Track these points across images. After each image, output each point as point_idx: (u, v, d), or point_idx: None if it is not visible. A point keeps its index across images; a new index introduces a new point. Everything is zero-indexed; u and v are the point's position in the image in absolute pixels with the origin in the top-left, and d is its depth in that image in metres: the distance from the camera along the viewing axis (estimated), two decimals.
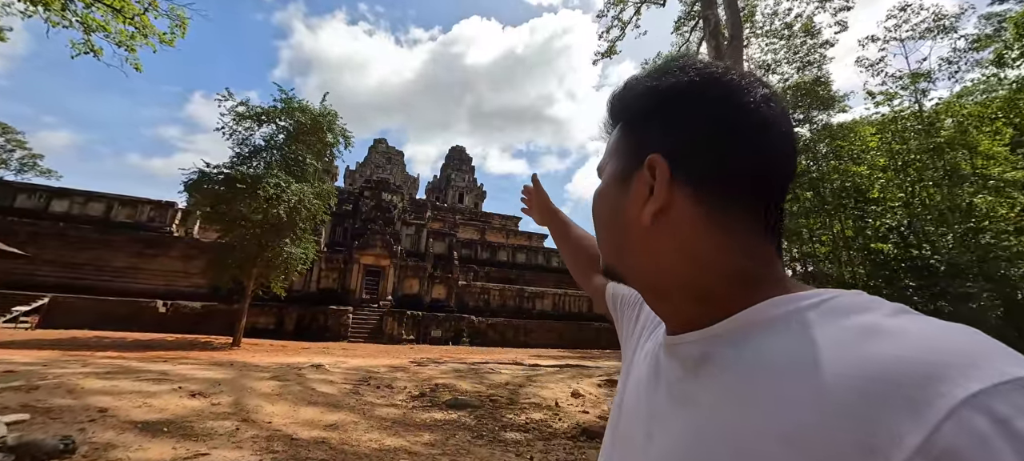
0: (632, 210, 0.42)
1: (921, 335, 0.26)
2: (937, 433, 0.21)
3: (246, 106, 15.59)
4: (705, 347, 0.38)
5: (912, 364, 0.24)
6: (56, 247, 19.98)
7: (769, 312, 0.35)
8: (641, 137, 0.43)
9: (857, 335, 0.29)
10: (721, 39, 11.81)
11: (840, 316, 0.31)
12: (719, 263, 0.39)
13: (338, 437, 4.42)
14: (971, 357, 0.24)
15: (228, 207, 13.84)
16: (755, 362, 0.33)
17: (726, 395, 0.34)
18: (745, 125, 0.39)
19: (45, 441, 1.67)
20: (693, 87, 0.41)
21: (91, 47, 9.05)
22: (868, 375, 0.25)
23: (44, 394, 4.94)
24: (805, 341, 0.31)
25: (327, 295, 22.74)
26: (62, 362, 7.87)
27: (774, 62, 27.30)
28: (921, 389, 0.23)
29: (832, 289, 0.35)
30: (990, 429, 0.21)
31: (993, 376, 0.22)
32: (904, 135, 23.41)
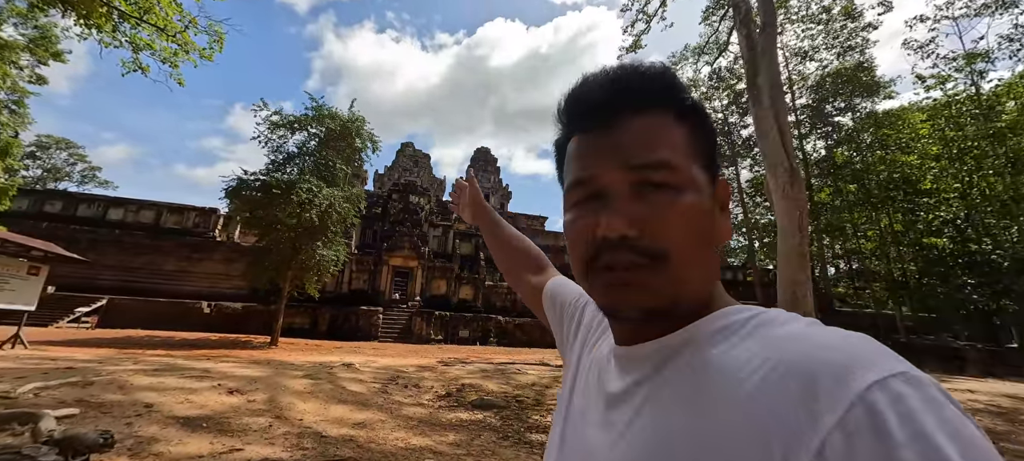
0: (708, 223, 0.41)
1: (831, 340, 0.33)
2: (848, 413, 0.28)
3: (280, 115, 16.27)
4: (665, 354, 0.40)
5: (825, 363, 0.30)
6: (113, 252, 21.50)
7: (714, 324, 0.40)
8: (706, 147, 0.43)
9: (782, 341, 0.34)
10: (753, 27, 11.30)
11: (769, 327, 0.37)
12: (715, 280, 0.43)
13: (365, 435, 4.50)
14: (868, 356, 0.30)
15: (265, 212, 14.46)
16: (701, 368, 0.37)
17: (675, 399, 0.37)
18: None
19: (86, 435, 1.78)
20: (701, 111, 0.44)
21: (139, 65, 9.65)
22: (792, 372, 0.31)
23: (98, 389, 5.29)
24: (742, 348, 0.36)
25: (358, 296, 23.39)
26: (116, 360, 8.43)
27: (811, 48, 25.94)
28: (834, 381, 0.29)
29: (758, 306, 0.41)
30: (883, 408, 0.27)
31: (884, 370, 0.29)
32: (959, 120, 21.66)
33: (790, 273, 9.30)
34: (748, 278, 29.91)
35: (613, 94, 0.41)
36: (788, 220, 9.48)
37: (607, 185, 0.40)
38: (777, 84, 10.42)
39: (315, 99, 16.69)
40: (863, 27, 24.09)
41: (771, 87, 10.16)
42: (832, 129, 26.65)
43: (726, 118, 28.33)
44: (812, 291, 9.17)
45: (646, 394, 0.40)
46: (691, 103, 0.42)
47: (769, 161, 9.72)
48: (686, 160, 0.40)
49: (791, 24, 25.61)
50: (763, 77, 10.29)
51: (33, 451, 1.67)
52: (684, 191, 0.39)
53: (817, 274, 25.84)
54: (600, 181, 0.41)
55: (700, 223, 0.39)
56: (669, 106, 0.41)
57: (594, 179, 0.41)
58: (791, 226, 9.40)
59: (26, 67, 18.54)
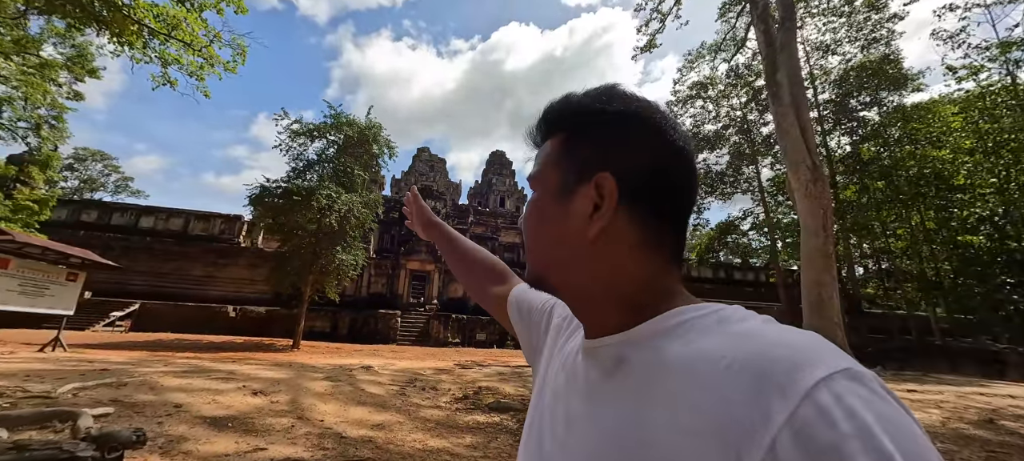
0: (574, 224, 0.45)
1: (784, 338, 0.34)
2: (797, 409, 0.29)
3: (300, 123, 16.71)
4: (620, 350, 0.42)
5: (776, 361, 0.32)
6: (145, 259, 22.41)
7: (672, 320, 0.41)
8: (587, 154, 0.46)
9: (737, 339, 0.36)
10: (771, 22, 11.06)
11: (729, 324, 0.38)
12: (647, 277, 0.44)
13: (384, 437, 4.57)
14: (816, 354, 0.32)
15: (286, 218, 14.86)
16: (660, 363, 0.38)
17: (637, 392, 0.39)
18: (676, 159, 0.45)
19: (121, 433, 1.88)
20: (639, 116, 0.45)
21: (168, 79, 10.07)
22: (745, 369, 0.33)
23: (130, 390, 5.52)
24: (699, 344, 0.37)
25: (377, 299, 23.75)
26: (148, 362, 8.77)
27: (833, 42, 25.16)
28: (787, 378, 0.31)
29: (718, 304, 0.42)
30: (829, 404, 0.29)
31: (830, 367, 0.31)
32: (995, 112, 20.64)
33: (814, 274, 9.02)
34: (771, 278, 29.11)
35: (534, 129, 0.53)
36: (812, 219, 9.21)
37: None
38: (798, 80, 10.16)
39: (333, 107, 17.10)
40: (888, 18, 23.25)
41: (791, 83, 9.91)
42: (857, 124, 25.75)
43: (745, 116, 27.72)
44: (838, 292, 8.88)
45: (604, 389, 0.42)
46: (565, 121, 0.49)
47: (790, 159, 9.47)
48: (548, 168, 0.48)
49: (811, 18, 24.93)
50: (782, 73, 10.05)
51: (72, 447, 1.78)
52: (537, 192, 0.49)
53: (844, 274, 24.95)
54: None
55: (538, 217, 0.48)
56: (556, 128, 0.50)
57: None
58: (815, 225, 9.13)
59: (64, 84, 19.55)
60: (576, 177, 0.45)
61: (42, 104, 18.66)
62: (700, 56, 27.18)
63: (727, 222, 33.76)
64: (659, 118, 0.46)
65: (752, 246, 35.90)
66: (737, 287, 33.14)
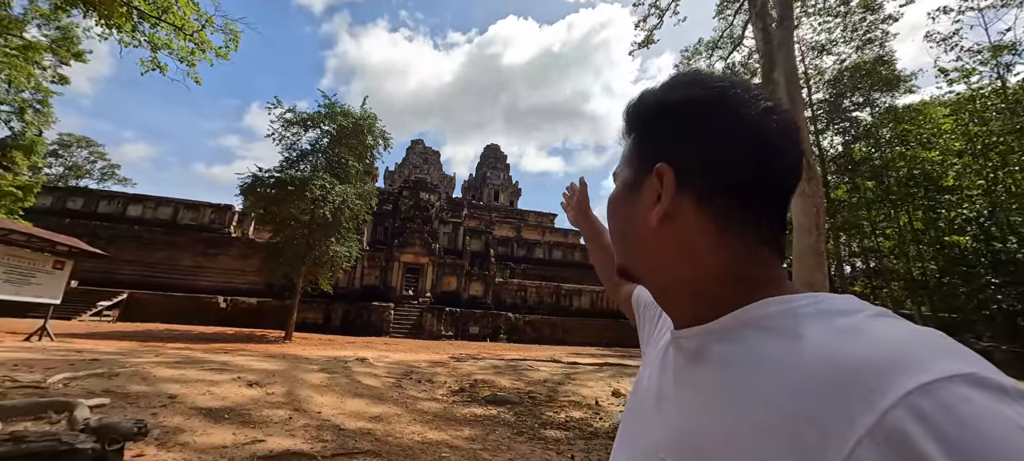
0: (642, 214, 0.45)
1: (890, 335, 0.30)
2: (886, 416, 0.25)
3: (293, 113, 16.47)
4: (701, 341, 0.41)
5: (874, 359, 0.28)
6: (133, 248, 22.03)
7: (762, 310, 0.38)
8: (652, 147, 0.46)
9: (837, 334, 0.32)
10: (768, 21, 11.08)
11: (827, 317, 0.35)
12: (719, 266, 0.42)
13: (382, 429, 4.55)
14: (926, 354, 0.27)
15: (279, 208, 14.68)
16: (744, 357, 0.36)
17: (717, 386, 0.37)
18: (747, 139, 0.42)
19: (121, 424, 1.83)
20: (699, 101, 0.44)
21: (157, 64, 9.83)
22: (836, 368, 0.29)
23: (123, 381, 5.43)
24: (790, 339, 0.34)
25: (370, 292, 23.63)
26: (138, 352, 8.64)
27: (829, 42, 25.31)
28: (877, 379, 0.27)
29: (826, 293, 0.39)
30: (929, 413, 0.24)
31: (941, 371, 0.26)
32: (984, 115, 20.98)
33: (806, 272, 9.14)
34: None
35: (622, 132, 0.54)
36: (804, 217, 9.31)
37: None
38: (794, 79, 10.21)
39: (327, 97, 16.87)
40: (883, 19, 23.43)
41: (788, 82, 9.96)
42: (850, 124, 26.03)
43: None
44: (828, 290, 9.01)
45: (685, 377, 0.42)
46: (632, 119, 0.50)
47: None
48: (625, 165, 0.50)
49: (807, 17, 25.04)
50: (779, 72, 10.10)
51: (71, 438, 1.73)
52: (615, 187, 0.51)
53: (833, 273, 25.32)
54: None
55: (617, 209, 0.50)
56: (631, 128, 0.51)
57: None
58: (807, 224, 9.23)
59: (49, 67, 19.03)
60: (641, 170, 0.47)
61: (26, 87, 18.14)
62: (697, 53, 27.20)
63: None
64: (728, 98, 0.43)
65: None
66: None
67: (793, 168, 0.43)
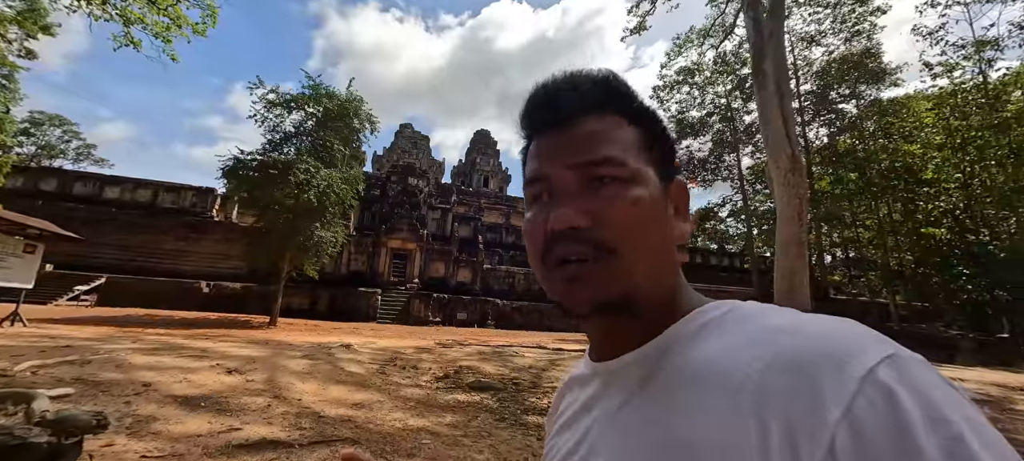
0: (668, 225, 0.42)
1: (820, 330, 0.32)
2: (853, 402, 0.27)
3: (276, 93, 16.00)
4: (644, 367, 0.40)
5: (819, 354, 0.30)
6: (111, 231, 21.42)
7: (694, 323, 0.39)
8: (663, 152, 0.44)
9: (771, 334, 0.34)
10: (760, 10, 11.05)
11: (751, 320, 0.36)
12: (677, 277, 0.43)
13: (364, 415, 4.53)
14: (859, 342, 0.30)
15: (262, 192, 14.35)
16: (691, 371, 0.36)
17: (669, 407, 0.36)
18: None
19: (79, 417, 1.76)
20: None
21: (131, 39, 9.42)
22: (789, 366, 0.31)
23: (95, 368, 5.30)
24: (730, 345, 0.35)
25: (357, 277, 23.45)
26: (115, 338, 8.45)
27: (818, 33, 25.47)
28: (833, 372, 0.29)
29: (728, 300, 0.41)
30: (885, 392, 0.27)
31: (879, 353, 0.29)
32: (965, 110, 21.45)
33: (788, 261, 9.29)
34: (745, 265, 30.03)
35: (565, 97, 0.43)
36: (788, 208, 9.42)
37: (559, 182, 0.42)
38: (783, 69, 10.24)
39: (312, 78, 16.42)
40: (871, 11, 23.61)
41: (777, 72, 9.98)
42: (835, 117, 26.40)
43: (729, 103, 27.99)
44: (809, 279, 9.20)
45: (637, 410, 0.39)
46: (640, 107, 0.44)
47: (771, 148, 9.61)
48: (634, 158, 0.41)
49: (798, 7, 25.10)
50: (769, 62, 10.10)
51: (24, 432, 1.66)
52: (631, 185, 0.40)
53: (814, 262, 25.92)
54: (552, 179, 0.42)
55: (648, 216, 0.40)
56: (617, 109, 0.43)
57: (547, 177, 0.42)
58: (791, 214, 9.35)
59: (15, 40, 18.13)
60: (665, 176, 0.43)
61: None
62: (688, 41, 27.15)
63: (706, 209, 34.46)
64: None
65: (729, 233, 36.85)
66: (712, 272, 34.03)
67: None
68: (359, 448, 3.53)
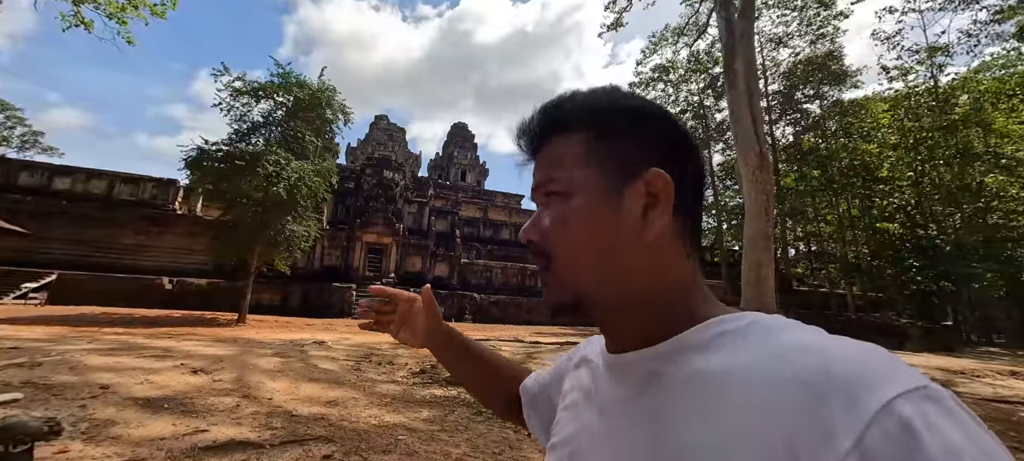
0: (627, 227, 0.41)
1: (843, 353, 0.31)
2: (865, 434, 0.26)
3: (243, 81, 15.34)
4: (653, 365, 0.39)
5: (839, 377, 0.29)
6: (62, 225, 20.10)
7: (710, 331, 0.38)
8: (630, 150, 0.42)
9: (790, 352, 0.33)
10: (732, 11, 11.35)
11: (772, 335, 0.35)
12: (684, 280, 0.42)
13: (338, 413, 4.46)
14: (883, 370, 0.29)
15: (229, 184, 13.78)
16: (699, 379, 0.35)
17: (672, 412, 0.36)
18: (692, 148, 0.44)
19: (28, 423, 1.66)
20: (655, 110, 0.44)
21: (81, 19, 8.83)
22: (803, 387, 0.30)
23: (47, 371, 5.00)
24: (745, 358, 0.34)
25: (330, 272, 22.91)
26: (68, 339, 7.98)
27: (785, 35, 26.42)
28: (849, 398, 0.28)
29: (751, 312, 0.39)
30: (901, 427, 0.26)
31: (902, 385, 0.28)
32: (917, 112, 22.81)
33: (755, 255, 9.67)
34: (715, 259, 31.06)
35: (530, 132, 0.47)
36: (756, 203, 9.78)
37: (536, 205, 0.47)
38: (752, 69, 10.58)
39: (281, 65, 15.81)
40: (835, 15, 24.65)
41: (747, 72, 10.30)
42: (800, 116, 27.53)
43: (701, 101, 28.74)
44: (774, 272, 9.61)
45: (634, 407, 0.39)
46: (586, 118, 0.44)
47: (741, 145, 9.94)
48: (576, 169, 0.42)
49: (768, 9, 25.93)
50: (740, 62, 10.41)
51: None
52: (567, 197, 0.42)
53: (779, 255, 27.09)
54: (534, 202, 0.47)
55: (578, 225, 0.41)
56: (567, 128, 0.45)
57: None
58: (758, 209, 9.72)
59: None
60: (620, 175, 0.41)
61: None
62: (663, 39, 27.65)
63: None
64: (666, 111, 0.46)
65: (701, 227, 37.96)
66: None
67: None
68: (336, 446, 3.48)
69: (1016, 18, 18.19)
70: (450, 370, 0.79)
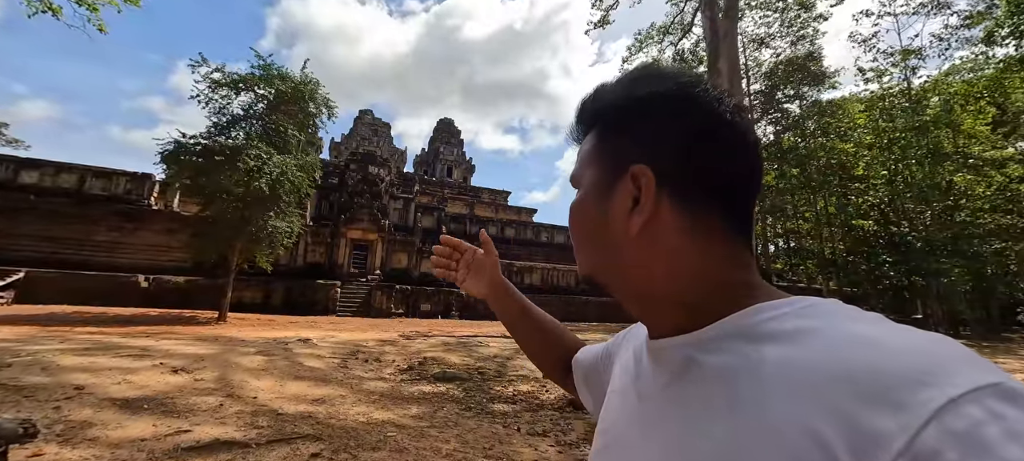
0: (617, 221, 0.41)
1: (903, 345, 0.28)
2: (920, 435, 0.23)
3: (222, 73, 14.89)
4: (691, 352, 0.38)
5: (896, 372, 0.26)
6: (30, 220, 19.25)
7: (755, 318, 0.36)
8: (621, 146, 0.43)
9: (844, 342, 0.30)
10: (716, 10, 11.52)
11: (826, 323, 0.33)
12: (703, 270, 0.40)
13: (325, 411, 4.41)
14: (949, 366, 0.26)
15: (208, 179, 13.40)
16: (745, 369, 0.34)
17: (707, 400, 0.35)
18: (722, 135, 0.41)
19: (2, 426, 1.59)
20: (671, 96, 0.42)
21: (49, 5, 8.44)
22: (855, 381, 0.27)
23: (17, 372, 4.80)
24: (796, 347, 0.32)
25: (314, 269, 22.53)
26: (39, 339, 7.67)
27: (767, 35, 26.97)
28: (906, 395, 0.25)
29: (811, 297, 0.37)
30: (964, 430, 0.23)
31: (968, 383, 0.24)
32: (891, 112, 23.57)
33: None
34: None
35: (574, 129, 0.51)
36: None
37: None
38: (736, 69, 10.78)
39: (262, 57, 15.40)
40: (815, 17, 25.26)
41: (730, 71, 10.48)
42: (781, 116, 28.18)
43: None
44: None
45: (671, 393, 0.39)
46: (590, 114, 0.48)
47: None
48: (585, 167, 0.46)
49: (750, 9, 26.40)
50: (723, 61, 10.58)
51: None
52: (580, 192, 0.47)
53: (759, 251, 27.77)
54: None
55: (581, 216, 0.46)
56: (589, 126, 0.48)
57: None
58: None
59: None
60: (613, 173, 0.43)
61: None
62: (649, 37, 27.91)
63: None
64: (699, 93, 0.42)
65: None
66: None
67: (760, 166, 0.43)
68: (324, 444, 3.44)
69: (984, 23, 18.95)
70: (508, 326, 0.79)
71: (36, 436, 1.76)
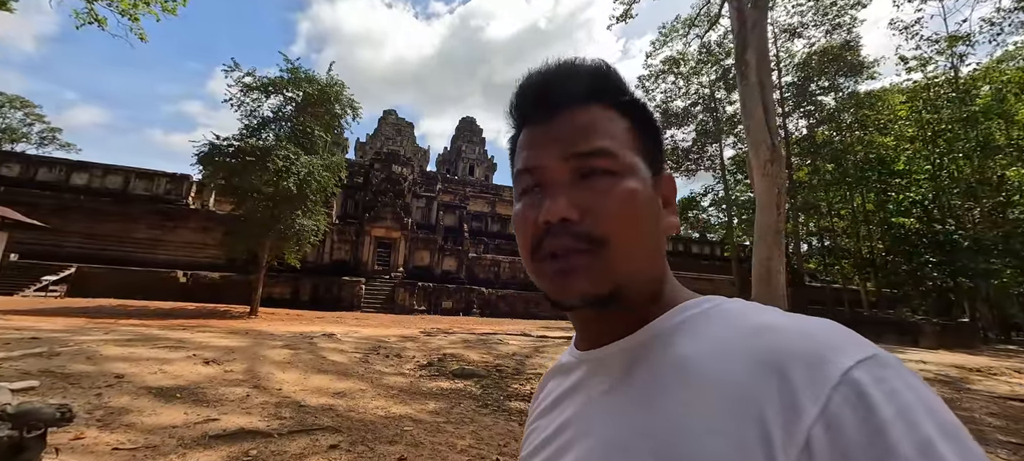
0: (659, 218, 0.43)
1: (800, 329, 0.33)
2: (829, 401, 0.28)
3: (253, 77, 15.48)
4: (627, 356, 0.41)
5: (799, 354, 0.31)
6: (80, 219, 20.58)
7: (678, 317, 0.40)
8: (652, 146, 0.44)
9: (753, 331, 0.35)
10: (744, 0, 11.11)
11: (733, 318, 0.38)
12: (667, 272, 0.44)
13: (345, 404, 4.52)
14: (839, 342, 0.32)
15: (239, 179, 13.96)
16: (673, 363, 0.37)
17: (650, 397, 0.37)
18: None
19: (42, 410, 1.70)
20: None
21: (95, 16, 8.97)
22: (768, 363, 0.32)
23: (64, 360, 5.13)
24: (712, 340, 0.36)
25: (340, 266, 23.15)
26: (86, 330, 8.19)
27: (800, 25, 25.80)
28: (811, 369, 0.30)
29: (711, 296, 0.42)
30: (860, 392, 0.28)
31: (857, 354, 0.30)
32: (936, 103, 22.15)
33: (765, 249, 9.52)
34: (726, 253, 30.71)
35: (556, 87, 0.43)
36: (767, 198, 9.62)
37: (550, 173, 0.41)
38: (765, 60, 10.36)
39: (290, 61, 15.91)
40: (852, 4, 23.99)
41: (759, 63, 10.09)
42: (814, 109, 26.94)
43: (713, 94, 28.29)
44: (785, 267, 9.45)
45: (618, 398, 0.40)
46: (631, 99, 0.44)
47: (752, 138, 9.77)
48: (626, 150, 0.41)
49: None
50: (752, 53, 10.20)
51: None
52: (624, 177, 0.40)
53: (791, 250, 26.69)
54: (544, 170, 0.42)
55: (641, 208, 0.40)
56: (609, 101, 0.43)
57: (538, 169, 0.42)
58: (769, 203, 9.55)
59: None
60: (650, 168, 0.43)
61: None
62: (673, 30, 27.21)
63: (689, 198, 35.01)
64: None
65: (711, 221, 37.53)
66: (693, 260, 34.74)
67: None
68: (343, 436, 3.52)
69: None
70: None
71: (72, 420, 1.87)
